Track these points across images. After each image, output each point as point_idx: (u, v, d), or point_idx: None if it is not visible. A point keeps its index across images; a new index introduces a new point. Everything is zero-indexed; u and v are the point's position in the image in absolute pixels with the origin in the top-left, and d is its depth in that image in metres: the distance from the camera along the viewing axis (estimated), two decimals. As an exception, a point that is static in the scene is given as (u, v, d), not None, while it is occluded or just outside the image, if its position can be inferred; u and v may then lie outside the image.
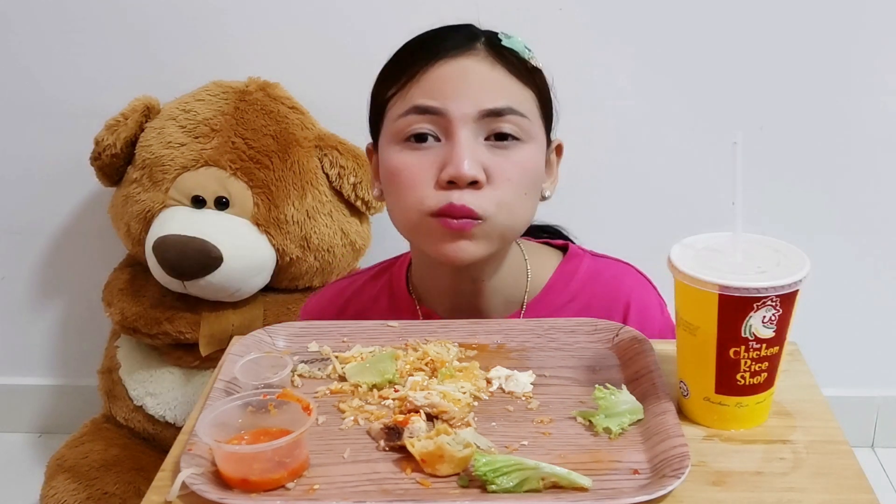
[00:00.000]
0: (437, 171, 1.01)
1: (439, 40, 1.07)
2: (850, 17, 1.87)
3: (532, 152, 1.05)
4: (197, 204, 1.75)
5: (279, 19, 1.91)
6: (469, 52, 1.04)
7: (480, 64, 1.04)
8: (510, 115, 1.02)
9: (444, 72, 1.03)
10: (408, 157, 1.04)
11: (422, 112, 1.02)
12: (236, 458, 0.76)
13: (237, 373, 0.90)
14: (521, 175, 1.03)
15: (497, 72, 1.04)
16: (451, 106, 1.01)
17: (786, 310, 0.80)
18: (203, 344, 1.77)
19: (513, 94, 1.04)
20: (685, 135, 1.95)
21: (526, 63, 1.06)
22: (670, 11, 1.87)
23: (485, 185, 1.01)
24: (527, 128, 1.04)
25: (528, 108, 1.05)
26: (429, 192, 1.02)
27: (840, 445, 0.82)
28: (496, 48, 1.05)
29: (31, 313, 2.19)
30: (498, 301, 1.14)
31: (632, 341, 0.97)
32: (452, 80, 1.03)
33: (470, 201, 1.00)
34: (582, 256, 1.19)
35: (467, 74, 1.03)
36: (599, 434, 0.83)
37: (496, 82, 1.04)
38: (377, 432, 0.82)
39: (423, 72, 1.04)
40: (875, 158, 1.97)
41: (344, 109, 1.93)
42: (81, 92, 1.97)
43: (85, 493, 1.77)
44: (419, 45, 1.08)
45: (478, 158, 1.01)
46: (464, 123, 1.01)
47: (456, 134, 1.01)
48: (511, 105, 1.03)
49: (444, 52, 1.04)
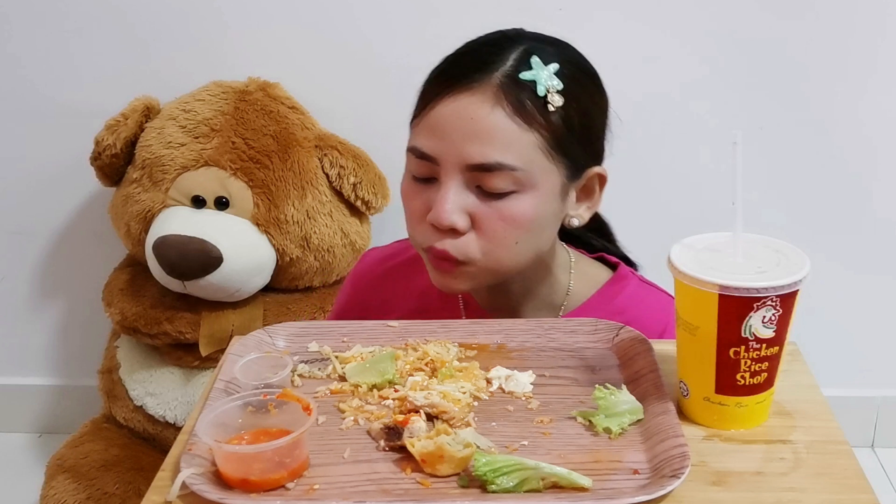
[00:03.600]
0: (428, 210, 1.03)
1: (460, 67, 1.03)
2: (850, 17, 1.87)
3: (529, 202, 1.01)
4: (197, 204, 1.75)
5: (279, 19, 1.91)
6: (476, 89, 1.00)
7: (482, 105, 0.99)
8: (498, 171, 0.99)
9: (445, 112, 1.01)
10: (411, 187, 1.06)
11: (419, 157, 1.03)
12: (236, 458, 0.76)
13: (237, 373, 0.90)
14: (510, 227, 1.02)
15: (496, 115, 0.99)
16: (441, 153, 1.01)
17: (786, 310, 0.80)
18: (203, 344, 1.77)
19: (508, 144, 0.99)
20: (685, 135, 1.95)
21: (540, 101, 1.00)
22: (671, 11, 1.87)
23: (468, 231, 1.02)
24: (522, 179, 1.00)
25: (527, 157, 1.00)
26: (420, 228, 1.05)
27: (840, 445, 0.82)
28: (511, 81, 1.00)
29: (31, 313, 2.19)
30: (532, 306, 1.15)
31: (632, 341, 0.97)
32: (448, 125, 1.00)
33: (450, 247, 1.02)
34: (629, 280, 1.17)
35: (462, 120, 0.99)
36: (599, 434, 0.83)
37: (490, 130, 0.99)
38: (377, 432, 0.82)
39: (431, 107, 1.02)
40: (875, 158, 1.97)
41: (344, 109, 1.94)
42: (81, 92, 1.97)
43: (85, 493, 1.77)
44: (442, 70, 1.06)
45: (462, 206, 1.01)
46: (453, 172, 1.01)
47: (443, 181, 1.01)
48: (500, 160, 0.99)
49: (451, 85, 1.01)
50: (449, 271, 1.04)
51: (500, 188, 1.00)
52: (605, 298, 1.15)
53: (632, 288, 1.16)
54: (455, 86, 1.01)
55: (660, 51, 1.91)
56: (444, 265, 1.04)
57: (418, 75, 1.04)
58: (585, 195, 1.09)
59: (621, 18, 1.89)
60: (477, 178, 1.00)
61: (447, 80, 1.03)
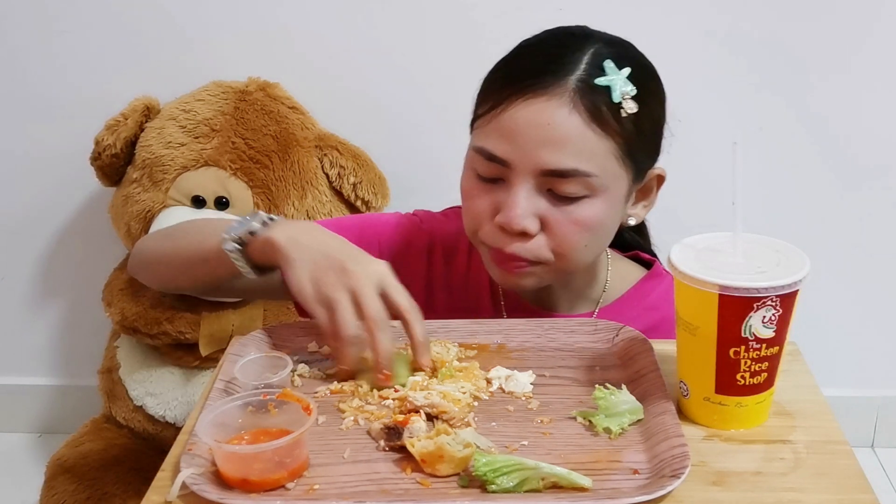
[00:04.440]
0: (496, 211, 1.02)
1: (534, 70, 1.01)
2: (851, 17, 1.87)
3: (600, 206, 1.01)
4: (197, 204, 1.75)
5: (279, 19, 1.91)
6: (551, 93, 0.98)
7: (558, 111, 0.98)
8: (573, 178, 0.98)
9: (519, 116, 0.99)
10: (475, 186, 1.04)
11: (489, 158, 1.01)
12: (236, 458, 0.76)
13: (237, 373, 0.90)
14: (582, 230, 1.01)
15: (572, 121, 0.98)
16: (515, 157, 0.99)
17: (786, 310, 0.80)
18: (203, 344, 1.77)
19: (583, 150, 0.98)
20: (685, 135, 1.95)
21: (615, 107, 0.99)
22: (671, 11, 1.87)
23: (538, 234, 1.01)
24: (595, 185, 1.00)
25: (602, 163, 0.99)
26: (486, 226, 1.04)
27: (840, 445, 0.82)
28: (587, 87, 0.98)
29: (31, 313, 2.19)
30: (571, 297, 1.16)
31: (632, 341, 0.97)
32: (523, 129, 0.98)
33: (520, 250, 1.02)
34: (663, 277, 1.18)
35: (538, 125, 0.98)
36: (599, 434, 0.83)
37: (566, 137, 0.98)
38: (377, 432, 0.82)
39: (503, 108, 1.00)
40: (874, 158, 1.97)
41: (344, 109, 1.94)
42: (81, 92, 1.97)
43: (85, 494, 1.77)
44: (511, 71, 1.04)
45: (534, 209, 1.00)
46: (525, 176, 0.99)
47: (515, 184, 1.00)
48: (576, 167, 0.98)
49: (524, 89, 0.99)
50: (516, 271, 1.04)
51: (573, 193, 1.00)
52: (640, 294, 1.16)
53: (666, 285, 1.16)
54: (528, 89, 0.99)
55: (659, 51, 1.90)
56: (512, 266, 1.03)
57: (418, 75, 1.04)
58: (643, 194, 1.10)
59: (621, 18, 1.88)
60: (549, 182, 1.00)
61: (519, 82, 1.00)
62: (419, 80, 1.91)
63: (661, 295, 1.15)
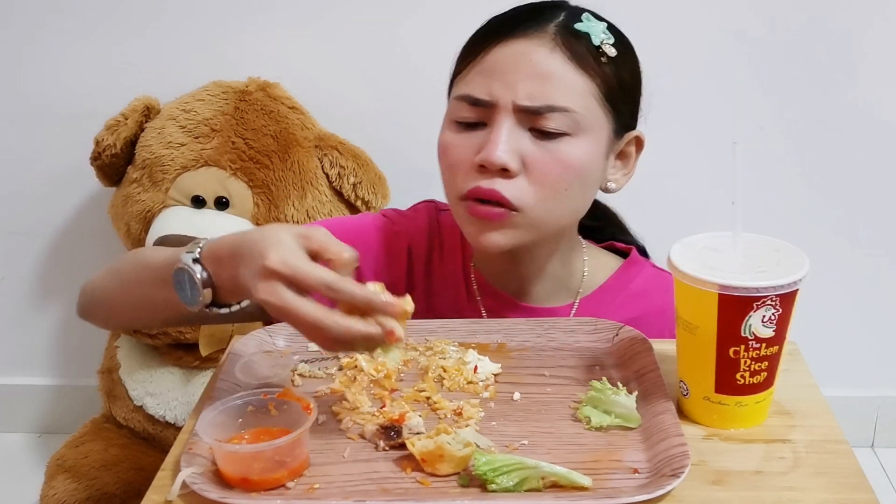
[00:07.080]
0: (476, 155, 1.01)
1: (513, 19, 1.04)
2: (851, 17, 1.87)
3: (582, 147, 1.01)
4: (197, 204, 1.75)
5: (279, 19, 1.91)
6: (534, 35, 1.01)
7: (539, 50, 1.00)
8: (550, 113, 0.99)
9: (500, 56, 1.01)
10: (454, 138, 1.04)
11: (472, 103, 1.02)
12: (236, 457, 0.76)
13: (237, 373, 0.90)
14: (563, 170, 1.01)
15: (553, 59, 1.00)
16: (497, 94, 1.00)
17: (785, 309, 0.80)
18: (203, 344, 1.77)
19: (565, 86, 1.00)
20: (685, 134, 1.95)
21: (595, 50, 1.02)
22: (671, 11, 1.87)
23: (519, 174, 1.00)
24: (577, 121, 1.00)
25: (583, 101, 1.01)
26: (463, 174, 1.02)
27: (840, 445, 0.82)
28: (567, 31, 1.02)
29: (31, 313, 2.19)
30: (549, 286, 1.14)
31: (632, 341, 0.97)
32: (504, 67, 1.00)
33: (500, 188, 1.00)
34: (643, 265, 1.18)
35: (518, 62, 1.00)
36: (580, 420, 0.84)
37: (548, 72, 1.00)
38: (373, 434, 0.82)
39: (484, 53, 1.02)
40: (874, 158, 1.97)
41: (344, 109, 1.94)
42: (81, 92, 1.97)
43: (85, 493, 1.77)
44: (494, 24, 1.06)
45: (516, 147, 1.00)
46: (507, 112, 1.00)
47: (496, 121, 1.00)
48: (552, 102, 0.99)
49: (509, 31, 1.02)
50: (493, 219, 1.01)
51: (554, 129, 1.00)
52: (621, 283, 1.16)
53: (647, 272, 1.17)
54: (511, 33, 1.02)
55: (659, 50, 1.90)
56: (491, 213, 1.01)
57: (418, 75, 1.04)
58: (623, 158, 1.10)
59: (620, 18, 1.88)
60: (531, 119, 1.00)
61: (501, 28, 1.03)
62: (419, 80, 1.91)
63: (641, 283, 1.15)
